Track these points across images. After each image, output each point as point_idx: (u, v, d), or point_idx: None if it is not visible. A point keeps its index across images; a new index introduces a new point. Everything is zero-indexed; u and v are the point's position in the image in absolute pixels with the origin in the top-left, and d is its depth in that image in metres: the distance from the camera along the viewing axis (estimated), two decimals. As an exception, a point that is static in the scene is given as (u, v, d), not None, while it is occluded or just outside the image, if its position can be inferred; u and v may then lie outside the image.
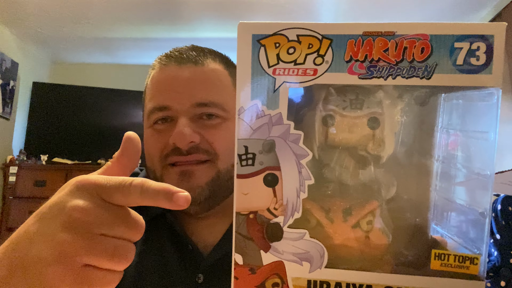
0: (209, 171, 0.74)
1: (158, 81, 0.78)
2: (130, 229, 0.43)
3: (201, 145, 0.74)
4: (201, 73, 0.76)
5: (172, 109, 0.75)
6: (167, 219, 0.79)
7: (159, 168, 0.76)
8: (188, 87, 0.75)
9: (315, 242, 0.46)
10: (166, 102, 0.75)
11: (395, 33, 0.43)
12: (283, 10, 3.22)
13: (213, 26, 3.61)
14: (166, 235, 0.79)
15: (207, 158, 0.74)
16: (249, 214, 0.46)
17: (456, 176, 0.50)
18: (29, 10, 3.36)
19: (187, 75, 0.75)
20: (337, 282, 0.46)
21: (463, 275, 0.45)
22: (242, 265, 0.46)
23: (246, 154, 0.45)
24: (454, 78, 0.43)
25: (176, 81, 0.75)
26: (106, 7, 3.27)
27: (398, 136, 0.50)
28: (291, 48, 0.44)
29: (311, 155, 0.46)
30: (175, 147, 0.73)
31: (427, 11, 3.17)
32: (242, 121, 0.45)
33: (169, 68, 0.77)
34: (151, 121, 0.77)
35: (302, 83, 0.44)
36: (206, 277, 0.76)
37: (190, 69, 0.76)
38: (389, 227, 0.50)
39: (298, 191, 0.45)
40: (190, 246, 0.77)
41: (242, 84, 0.44)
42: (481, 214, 0.46)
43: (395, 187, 0.51)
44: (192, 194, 0.70)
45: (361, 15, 3.27)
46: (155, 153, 0.76)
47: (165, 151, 0.74)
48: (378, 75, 0.43)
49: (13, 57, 3.83)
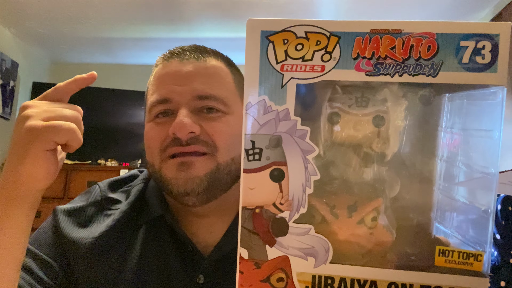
0: (209, 163, 0.74)
1: (161, 75, 0.78)
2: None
3: (201, 137, 0.73)
4: (202, 68, 0.77)
5: (173, 102, 0.75)
6: (167, 220, 0.79)
7: (158, 161, 0.75)
8: (190, 81, 0.75)
9: (320, 237, 0.46)
10: (167, 95, 0.75)
11: (402, 31, 0.43)
12: (283, 10, 3.22)
13: (213, 26, 3.61)
14: (166, 236, 0.79)
15: (207, 150, 0.74)
16: (255, 209, 0.46)
17: (459, 175, 0.51)
18: (29, 10, 3.36)
19: (189, 69, 0.76)
20: (341, 277, 0.46)
21: (467, 272, 0.46)
22: (247, 260, 0.47)
23: (253, 149, 0.45)
24: (460, 76, 0.44)
25: (177, 75, 0.76)
26: (106, 7, 3.27)
27: (403, 135, 0.51)
28: (299, 45, 0.44)
29: (317, 150, 0.46)
30: (175, 137, 0.72)
31: (427, 11, 3.18)
32: (249, 116, 0.45)
33: (171, 64, 0.78)
34: (152, 115, 0.77)
35: (310, 79, 0.44)
36: (207, 277, 0.75)
37: (192, 64, 0.77)
38: (393, 225, 0.50)
39: (304, 186, 0.46)
40: (191, 247, 0.77)
41: (250, 80, 0.45)
42: (484, 212, 0.46)
43: (398, 186, 0.51)
44: (190, 185, 0.72)
45: (361, 15, 3.28)
46: (155, 145, 0.76)
47: (165, 143, 0.74)
48: (385, 72, 0.44)
49: (13, 57, 3.82)
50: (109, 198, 0.83)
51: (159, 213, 0.80)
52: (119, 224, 0.78)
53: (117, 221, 0.78)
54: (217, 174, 0.74)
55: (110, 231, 0.76)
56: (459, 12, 3.14)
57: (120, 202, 0.83)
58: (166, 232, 0.79)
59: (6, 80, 3.72)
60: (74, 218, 0.79)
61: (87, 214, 0.80)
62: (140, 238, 0.79)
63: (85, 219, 0.80)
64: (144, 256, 0.77)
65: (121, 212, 0.79)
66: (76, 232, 0.76)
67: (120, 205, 0.82)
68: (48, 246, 0.76)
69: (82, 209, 0.81)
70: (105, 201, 0.83)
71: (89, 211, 0.81)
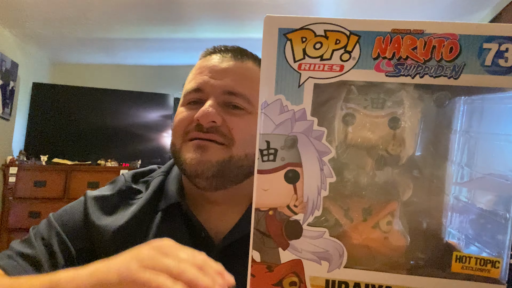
0: (223, 152, 0.79)
1: (201, 67, 0.85)
2: None
3: (221, 128, 0.79)
4: (238, 67, 0.83)
5: (205, 92, 0.81)
6: (182, 207, 0.83)
7: (180, 142, 0.82)
8: (224, 76, 0.81)
9: (334, 241, 0.45)
10: (201, 85, 0.81)
11: (424, 31, 0.42)
12: (283, 11, 3.21)
13: (213, 27, 3.60)
14: (180, 222, 0.83)
15: (223, 141, 0.79)
16: (268, 211, 0.45)
17: (475, 179, 0.50)
18: (29, 11, 3.34)
19: (226, 66, 0.83)
20: (356, 282, 0.45)
21: (484, 278, 0.45)
22: (260, 263, 0.46)
23: (268, 149, 0.44)
24: (482, 79, 0.43)
25: (214, 69, 0.82)
26: (106, 8, 3.26)
27: (418, 137, 0.50)
28: (318, 43, 0.43)
29: (334, 152, 0.45)
30: (198, 123, 0.78)
31: (427, 11, 3.17)
32: (264, 115, 0.44)
33: (212, 58, 0.85)
34: (185, 101, 0.84)
35: (328, 79, 0.43)
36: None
37: (230, 62, 0.84)
38: (407, 229, 0.49)
39: (319, 188, 0.45)
40: (203, 233, 0.81)
41: (266, 78, 0.44)
42: (503, 217, 0.46)
43: (411, 190, 0.50)
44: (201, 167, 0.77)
45: (361, 15, 3.27)
46: (180, 128, 0.82)
47: (189, 127, 0.80)
48: (406, 73, 0.43)
49: (13, 58, 3.80)
50: (133, 188, 0.90)
51: (176, 201, 0.84)
52: (140, 214, 0.83)
53: (138, 211, 0.83)
54: (229, 165, 0.79)
55: (131, 220, 0.82)
56: (459, 13, 3.14)
57: (141, 192, 0.89)
58: (181, 219, 0.84)
59: (6, 81, 3.70)
60: (101, 205, 0.86)
61: (113, 202, 0.87)
62: (155, 224, 0.84)
63: (111, 207, 0.86)
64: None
65: (142, 202, 0.85)
66: (103, 220, 0.83)
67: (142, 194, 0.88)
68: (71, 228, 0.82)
69: (109, 197, 0.87)
70: (129, 190, 0.89)
71: (115, 199, 0.87)
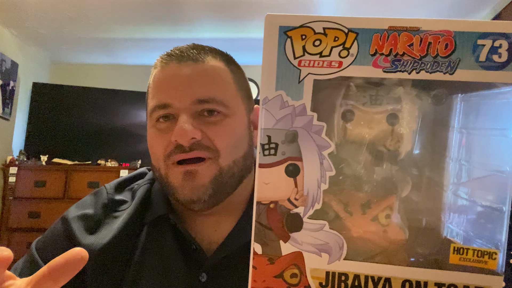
0: (211, 169, 0.74)
1: (159, 79, 0.78)
2: None
3: (203, 142, 0.74)
4: (201, 70, 0.76)
5: (173, 107, 0.75)
6: (171, 219, 0.80)
7: (164, 167, 0.76)
8: (188, 84, 0.75)
9: (334, 233, 0.46)
10: (167, 100, 0.75)
11: (419, 28, 0.44)
12: (283, 11, 3.22)
13: (213, 27, 3.62)
14: (168, 235, 0.79)
15: (208, 155, 0.74)
16: (269, 204, 0.46)
17: (473, 174, 0.51)
18: (29, 11, 3.35)
19: (187, 72, 0.76)
20: (355, 274, 0.46)
21: (481, 270, 0.46)
22: (261, 255, 0.47)
23: (269, 144, 0.45)
24: (477, 74, 0.44)
25: (176, 78, 0.76)
26: (106, 8, 3.27)
27: (416, 133, 0.51)
28: (317, 41, 0.44)
29: (333, 146, 0.46)
30: (177, 144, 0.73)
31: (427, 11, 3.19)
32: (266, 111, 0.45)
33: (169, 67, 0.77)
34: (153, 120, 0.78)
35: (327, 75, 0.45)
36: (210, 276, 0.76)
37: (190, 66, 0.76)
38: (405, 223, 0.50)
39: (319, 182, 0.46)
40: (194, 246, 0.77)
41: (267, 75, 0.45)
42: (499, 210, 0.47)
43: (410, 185, 0.51)
44: (196, 193, 0.73)
45: (361, 15, 3.27)
46: (159, 152, 0.76)
47: (168, 150, 0.75)
48: (403, 69, 0.44)
49: (13, 58, 3.82)
50: (115, 200, 0.85)
51: (163, 212, 0.81)
52: (125, 229, 0.79)
53: (123, 226, 0.79)
54: (221, 179, 0.75)
55: (117, 237, 0.78)
56: (459, 12, 3.16)
57: (126, 202, 0.85)
58: (169, 231, 0.80)
59: (6, 81, 3.72)
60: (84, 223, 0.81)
61: (96, 218, 0.82)
62: (142, 237, 0.80)
63: (95, 224, 0.81)
64: (146, 254, 0.78)
65: (127, 215, 0.81)
66: (87, 239, 0.78)
67: (127, 205, 0.84)
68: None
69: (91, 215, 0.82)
70: (111, 203, 0.85)
71: (98, 215, 0.83)
